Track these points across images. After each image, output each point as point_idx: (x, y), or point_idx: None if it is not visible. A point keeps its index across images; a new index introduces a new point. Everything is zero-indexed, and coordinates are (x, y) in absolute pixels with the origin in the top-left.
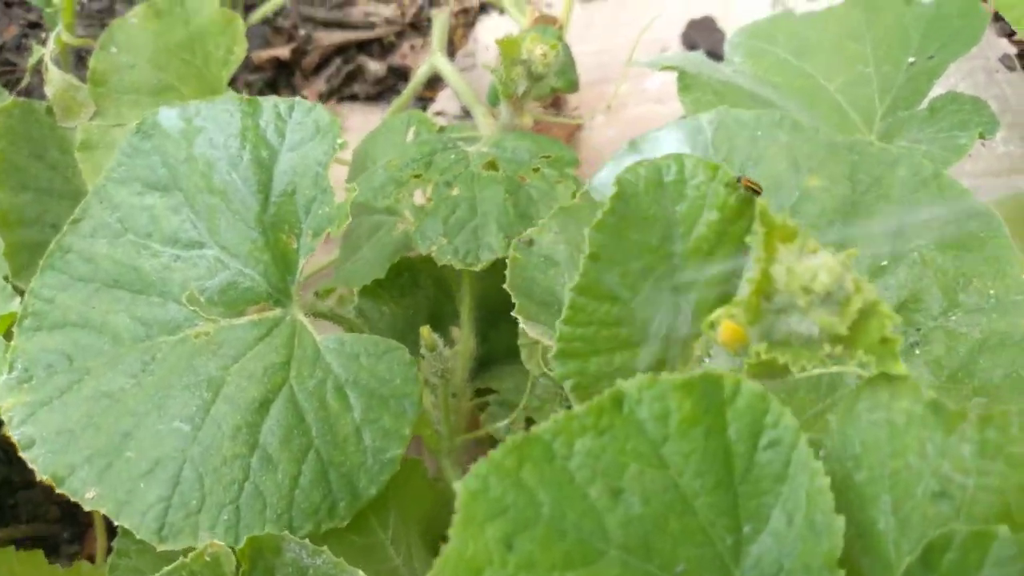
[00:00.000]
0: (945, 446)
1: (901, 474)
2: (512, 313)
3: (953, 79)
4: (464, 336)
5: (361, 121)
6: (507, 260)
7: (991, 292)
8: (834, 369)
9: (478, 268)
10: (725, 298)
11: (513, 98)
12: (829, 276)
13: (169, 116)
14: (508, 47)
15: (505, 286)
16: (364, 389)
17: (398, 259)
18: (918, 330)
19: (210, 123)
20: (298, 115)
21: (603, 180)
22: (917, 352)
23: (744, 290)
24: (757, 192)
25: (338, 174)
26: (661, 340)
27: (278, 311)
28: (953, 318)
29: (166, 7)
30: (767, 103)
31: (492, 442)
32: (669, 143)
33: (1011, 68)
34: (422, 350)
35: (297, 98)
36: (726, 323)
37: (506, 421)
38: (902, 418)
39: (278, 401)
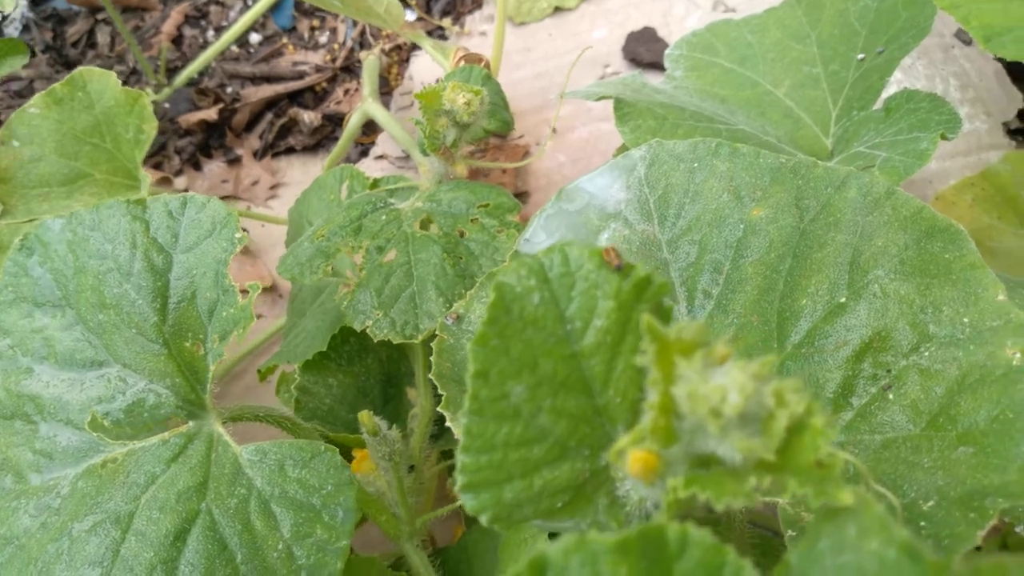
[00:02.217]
0: None
1: None
2: (439, 409)
3: (909, 59)
4: (421, 396)
5: (301, 173)
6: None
7: (965, 320)
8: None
9: (419, 341)
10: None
11: (442, 149)
12: (741, 395)
13: (52, 228)
14: (428, 99)
15: (430, 376)
16: (292, 502)
17: (341, 326)
18: (889, 371)
19: (96, 231)
20: (191, 212)
21: (533, 237)
22: (891, 397)
23: (646, 417)
24: (618, 267)
25: (277, 234)
26: (587, 452)
27: (191, 425)
28: (926, 354)
29: (67, 93)
30: (713, 120)
31: (463, 513)
32: (599, 187)
33: (967, 42)
34: (363, 435)
35: (189, 193)
36: (634, 453)
37: None
38: (872, 564)
39: (195, 530)
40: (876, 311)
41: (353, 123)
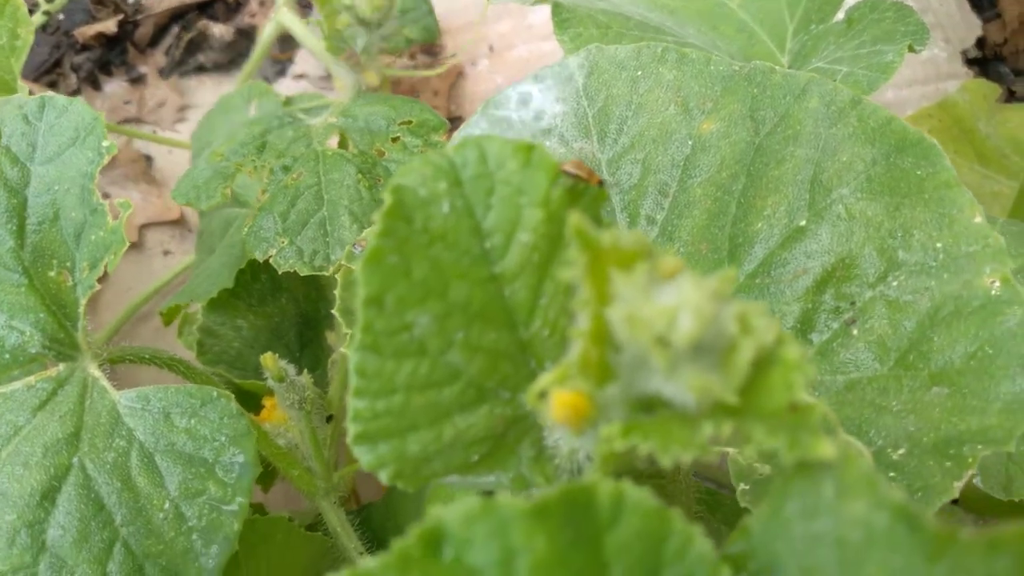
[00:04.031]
0: None
1: None
2: (341, 349)
3: None
4: (341, 339)
5: (212, 95)
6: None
7: (938, 245)
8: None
9: (330, 272)
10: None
11: (347, 53)
12: (695, 319)
13: None
14: None
15: (334, 311)
16: (180, 456)
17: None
18: (853, 303)
19: None
20: (50, 116)
21: None
22: (855, 332)
23: (574, 349)
24: (585, 180)
25: (186, 161)
26: (507, 394)
27: (62, 368)
28: (894, 283)
29: None
30: (660, 31)
31: None
32: (531, 98)
33: None
34: (268, 381)
35: (48, 94)
36: (559, 395)
37: None
38: (858, 533)
39: (67, 488)
40: (840, 235)
41: (266, 36)
